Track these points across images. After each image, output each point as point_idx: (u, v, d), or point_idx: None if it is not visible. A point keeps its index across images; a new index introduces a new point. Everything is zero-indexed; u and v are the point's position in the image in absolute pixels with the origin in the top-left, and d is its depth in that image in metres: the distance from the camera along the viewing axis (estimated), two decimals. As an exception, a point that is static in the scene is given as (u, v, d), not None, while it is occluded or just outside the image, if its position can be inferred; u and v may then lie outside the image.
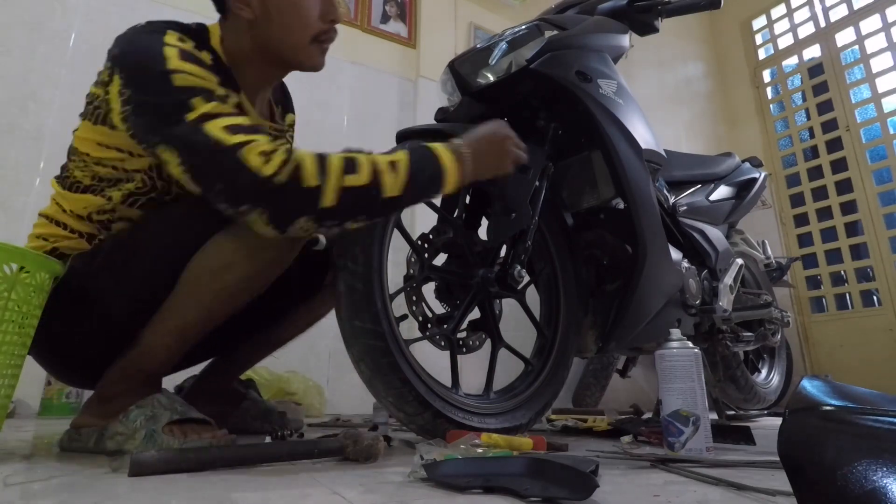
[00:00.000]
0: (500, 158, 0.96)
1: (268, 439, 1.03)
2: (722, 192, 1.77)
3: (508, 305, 1.21)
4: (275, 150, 0.76)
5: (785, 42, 3.79)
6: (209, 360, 1.20)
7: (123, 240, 0.90)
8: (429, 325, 1.09)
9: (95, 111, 0.88)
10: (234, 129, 0.77)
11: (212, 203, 0.79)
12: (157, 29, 0.85)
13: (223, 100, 0.81)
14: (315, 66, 0.98)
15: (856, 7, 3.42)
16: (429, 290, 1.09)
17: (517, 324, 1.35)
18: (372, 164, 0.81)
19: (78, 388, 0.94)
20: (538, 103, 1.19)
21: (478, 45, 1.25)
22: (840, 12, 3.50)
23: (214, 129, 0.77)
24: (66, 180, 0.93)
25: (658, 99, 3.57)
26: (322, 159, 0.79)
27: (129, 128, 0.83)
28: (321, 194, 0.77)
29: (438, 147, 0.88)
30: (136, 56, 0.83)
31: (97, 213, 0.90)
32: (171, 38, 0.83)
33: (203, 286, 0.86)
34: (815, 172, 3.46)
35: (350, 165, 0.80)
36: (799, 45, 3.69)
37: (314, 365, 2.02)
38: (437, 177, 0.86)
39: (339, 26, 1.00)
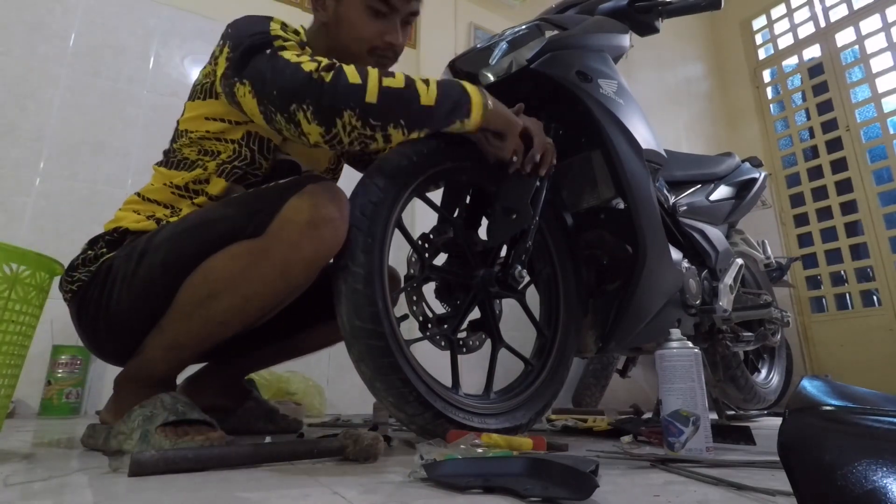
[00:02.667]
0: (510, 127, 0.99)
1: (268, 439, 1.03)
2: (722, 192, 1.77)
3: (508, 305, 1.21)
4: (322, 61, 0.87)
5: (785, 42, 3.80)
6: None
7: (148, 236, 0.91)
8: (429, 325, 1.08)
9: (203, 88, 1.00)
10: (300, 57, 0.88)
11: (269, 121, 0.88)
12: (264, 17, 0.98)
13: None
14: None
15: (856, 7, 3.43)
16: (429, 290, 1.09)
17: (517, 324, 1.35)
18: (405, 75, 0.90)
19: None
20: (538, 103, 1.19)
21: (478, 45, 1.24)
22: (840, 12, 3.51)
23: (284, 56, 0.87)
24: (172, 161, 1.03)
25: (658, 99, 3.57)
26: (362, 68, 0.88)
27: (222, 83, 0.93)
28: (364, 90, 0.85)
29: (463, 82, 0.97)
30: (244, 26, 0.95)
31: (193, 182, 1.00)
32: (276, 21, 0.98)
33: (191, 312, 0.85)
34: (815, 172, 3.46)
35: (386, 73, 0.89)
36: (799, 45, 3.69)
37: (314, 365, 2.02)
38: (463, 101, 0.93)
39: None
